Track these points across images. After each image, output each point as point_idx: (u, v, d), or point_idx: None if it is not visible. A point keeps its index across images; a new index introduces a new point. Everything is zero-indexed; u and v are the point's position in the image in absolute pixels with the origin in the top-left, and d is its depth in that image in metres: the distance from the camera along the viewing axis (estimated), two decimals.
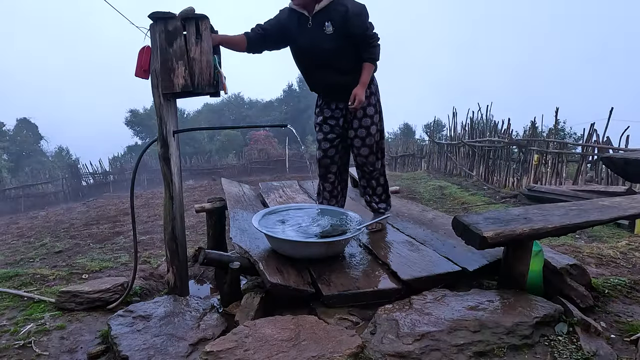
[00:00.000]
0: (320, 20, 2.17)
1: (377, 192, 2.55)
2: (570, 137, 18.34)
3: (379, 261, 2.04)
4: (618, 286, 2.04)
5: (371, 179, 2.51)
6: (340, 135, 2.47)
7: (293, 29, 2.24)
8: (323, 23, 2.17)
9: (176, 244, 2.14)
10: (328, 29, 2.16)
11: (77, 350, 1.77)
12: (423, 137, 26.61)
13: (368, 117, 2.36)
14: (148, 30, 1.97)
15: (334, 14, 2.14)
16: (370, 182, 2.53)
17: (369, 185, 2.55)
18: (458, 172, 9.71)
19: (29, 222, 8.69)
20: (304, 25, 2.21)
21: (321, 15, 2.17)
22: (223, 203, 3.07)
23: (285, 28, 2.24)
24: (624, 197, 2.06)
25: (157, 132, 2.06)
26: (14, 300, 2.31)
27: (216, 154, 22.60)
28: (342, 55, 2.22)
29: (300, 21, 2.22)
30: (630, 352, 1.48)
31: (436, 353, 1.33)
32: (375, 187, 2.54)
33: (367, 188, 2.56)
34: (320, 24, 2.18)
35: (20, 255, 4.44)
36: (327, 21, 2.16)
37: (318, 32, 2.19)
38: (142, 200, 9.45)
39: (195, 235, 4.84)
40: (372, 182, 2.52)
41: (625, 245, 2.88)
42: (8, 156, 26.89)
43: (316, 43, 2.21)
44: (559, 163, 6.59)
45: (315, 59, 2.28)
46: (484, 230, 1.53)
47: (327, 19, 2.16)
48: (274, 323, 1.50)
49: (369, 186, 2.55)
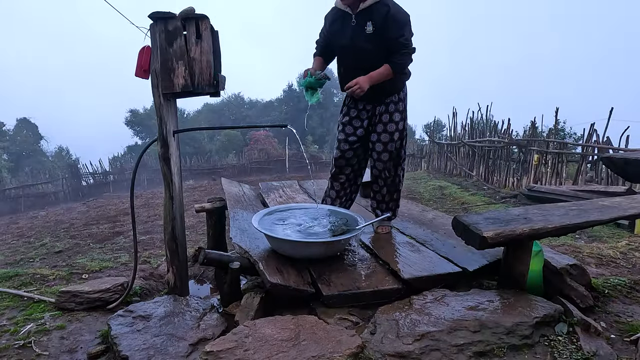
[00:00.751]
0: (362, 18, 2.19)
1: (385, 199, 2.48)
2: (570, 137, 18.32)
3: (379, 261, 2.04)
4: (618, 286, 2.04)
5: (384, 185, 2.44)
6: (362, 139, 2.43)
7: (337, 27, 2.29)
8: (365, 22, 2.18)
9: (176, 244, 2.14)
10: (369, 28, 2.17)
11: (77, 350, 1.77)
12: (423, 137, 26.63)
13: (394, 122, 2.33)
14: (148, 30, 1.97)
15: (376, 14, 2.15)
16: (382, 189, 2.46)
17: (380, 192, 2.48)
18: (458, 172, 9.71)
19: (29, 222, 8.69)
20: (347, 23, 2.24)
21: (364, 14, 2.18)
22: (223, 203, 3.07)
23: (331, 33, 2.32)
24: (624, 197, 2.06)
25: (157, 132, 2.06)
26: (14, 300, 2.31)
27: (216, 154, 22.58)
28: (379, 57, 2.20)
29: (345, 19, 2.25)
30: (630, 352, 1.48)
31: (436, 353, 1.33)
32: (386, 194, 2.46)
33: (378, 194, 2.49)
34: (362, 23, 2.19)
35: (20, 255, 4.44)
36: (369, 20, 2.16)
37: (359, 31, 2.20)
38: (142, 200, 9.46)
39: (195, 235, 4.84)
40: (384, 189, 2.45)
41: (625, 245, 2.89)
42: (8, 156, 26.87)
43: (356, 41, 2.22)
44: (559, 163, 6.59)
45: (354, 57, 2.29)
46: (484, 230, 1.53)
47: (369, 18, 2.16)
48: (274, 323, 1.50)
49: (380, 192, 2.48)
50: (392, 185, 2.45)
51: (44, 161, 28.43)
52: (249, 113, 33.67)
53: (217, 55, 2.03)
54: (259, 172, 18.35)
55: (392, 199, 2.50)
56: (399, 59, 2.18)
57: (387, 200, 2.50)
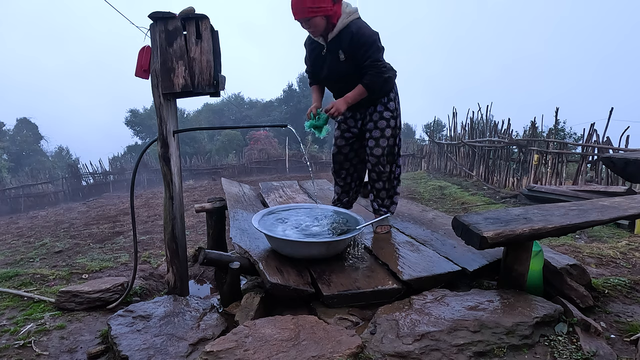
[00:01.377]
0: (334, 47, 2.24)
1: (380, 195, 2.53)
2: (570, 137, 18.32)
3: (379, 261, 2.04)
4: (618, 286, 2.04)
5: (379, 180, 2.49)
6: (357, 135, 2.53)
7: (314, 56, 2.37)
8: (337, 50, 2.23)
9: (176, 244, 2.14)
10: (341, 56, 2.23)
11: (77, 350, 1.77)
12: (423, 137, 26.64)
13: (384, 119, 2.40)
14: (148, 30, 1.97)
15: (344, 42, 2.19)
16: (376, 184, 2.51)
17: (374, 187, 2.53)
18: (458, 172, 9.70)
19: (29, 222, 8.69)
20: (320, 52, 2.32)
21: (334, 42, 2.23)
22: (223, 203, 3.07)
23: (311, 62, 2.41)
24: (624, 197, 2.06)
25: (157, 132, 2.06)
26: (14, 300, 2.31)
27: (216, 154, 22.54)
28: (359, 76, 2.25)
29: (320, 49, 2.32)
30: (630, 352, 1.48)
31: (436, 353, 1.33)
32: (381, 189, 2.51)
33: (373, 189, 2.55)
34: (334, 51, 2.25)
35: (20, 255, 4.43)
36: (339, 49, 2.22)
37: (334, 60, 2.27)
38: (142, 200, 9.46)
39: (195, 235, 4.84)
40: (378, 184, 2.50)
41: (625, 245, 2.89)
42: (8, 156, 26.86)
43: (333, 69, 2.29)
44: (559, 163, 6.59)
45: (337, 84, 2.38)
46: (484, 231, 1.53)
47: (339, 46, 2.21)
48: (274, 323, 1.50)
49: (374, 187, 2.53)
50: (387, 181, 2.50)
51: (44, 161, 28.43)
52: (249, 113, 33.68)
53: (217, 55, 2.03)
54: (259, 172, 18.35)
55: (387, 195, 2.55)
56: (368, 79, 2.21)
57: (383, 197, 2.54)
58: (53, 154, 33.96)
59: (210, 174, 17.54)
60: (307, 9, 2.06)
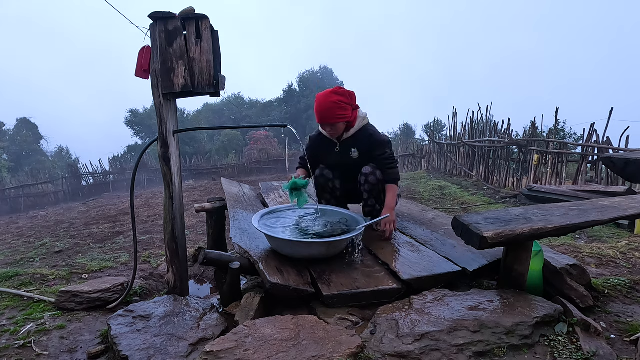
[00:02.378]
0: (346, 146, 2.46)
1: (369, 203, 2.50)
2: (570, 137, 18.34)
3: (379, 261, 2.04)
4: (618, 286, 2.04)
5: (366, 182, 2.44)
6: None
7: (322, 151, 2.55)
8: (350, 149, 2.45)
9: (176, 244, 2.14)
10: (354, 154, 2.45)
11: (77, 350, 1.77)
12: (423, 137, 26.64)
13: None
14: (148, 30, 1.97)
15: (360, 141, 2.42)
16: (365, 185, 2.46)
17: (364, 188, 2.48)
18: (458, 172, 9.71)
19: (29, 222, 8.69)
20: (332, 149, 2.51)
21: (348, 142, 2.44)
22: (223, 203, 3.06)
23: (317, 154, 2.58)
24: (624, 197, 2.06)
25: (157, 132, 2.06)
26: (14, 300, 2.31)
27: (216, 154, 22.55)
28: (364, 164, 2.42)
29: (330, 146, 2.51)
30: (630, 352, 1.48)
31: (436, 353, 1.33)
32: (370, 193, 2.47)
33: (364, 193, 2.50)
34: (346, 149, 2.46)
35: (20, 255, 4.43)
36: (353, 147, 2.44)
37: (344, 155, 2.47)
38: (142, 200, 9.46)
39: (195, 235, 4.84)
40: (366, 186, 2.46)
41: (625, 245, 2.89)
42: (8, 156, 26.88)
43: (343, 162, 2.49)
44: (559, 163, 6.59)
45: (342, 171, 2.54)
46: (484, 231, 1.53)
47: (353, 145, 2.43)
48: (274, 323, 1.50)
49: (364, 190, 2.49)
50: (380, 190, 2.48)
51: (44, 161, 28.45)
52: (249, 113, 33.69)
53: (217, 55, 2.02)
54: (259, 172, 18.35)
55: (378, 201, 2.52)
56: (391, 173, 2.40)
57: (371, 204, 2.50)
58: (53, 154, 33.99)
59: (210, 174, 17.55)
60: (334, 117, 2.31)
